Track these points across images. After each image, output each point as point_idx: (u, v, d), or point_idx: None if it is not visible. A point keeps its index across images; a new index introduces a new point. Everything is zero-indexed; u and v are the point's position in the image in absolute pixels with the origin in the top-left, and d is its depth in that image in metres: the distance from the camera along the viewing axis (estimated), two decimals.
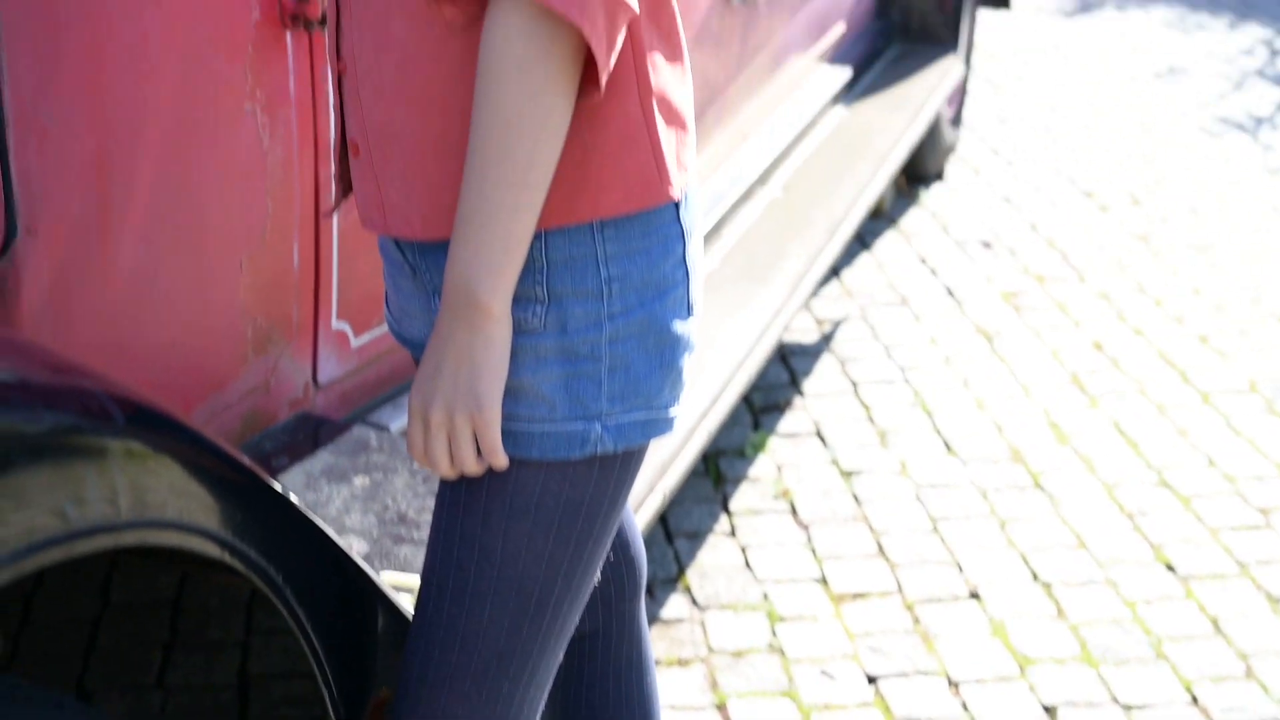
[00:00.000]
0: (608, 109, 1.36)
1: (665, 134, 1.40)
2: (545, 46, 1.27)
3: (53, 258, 1.69)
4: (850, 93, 4.10)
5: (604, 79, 1.30)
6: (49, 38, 1.64)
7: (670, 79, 1.42)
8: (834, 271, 4.29)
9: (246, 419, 2.08)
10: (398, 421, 2.26)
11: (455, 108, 1.36)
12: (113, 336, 1.82)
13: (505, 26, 1.27)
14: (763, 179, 3.41)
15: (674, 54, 1.43)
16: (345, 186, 1.56)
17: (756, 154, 3.39)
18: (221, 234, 1.95)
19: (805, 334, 3.97)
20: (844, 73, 4.01)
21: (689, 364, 1.49)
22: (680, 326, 1.45)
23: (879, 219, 4.66)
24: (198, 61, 1.84)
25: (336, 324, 2.19)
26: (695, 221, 1.47)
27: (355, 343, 2.23)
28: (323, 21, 1.96)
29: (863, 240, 4.53)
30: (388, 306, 1.64)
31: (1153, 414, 3.63)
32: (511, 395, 1.40)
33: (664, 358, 1.44)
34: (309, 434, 2.15)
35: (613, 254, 1.39)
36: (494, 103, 1.28)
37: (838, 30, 4.02)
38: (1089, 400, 3.68)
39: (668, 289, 1.43)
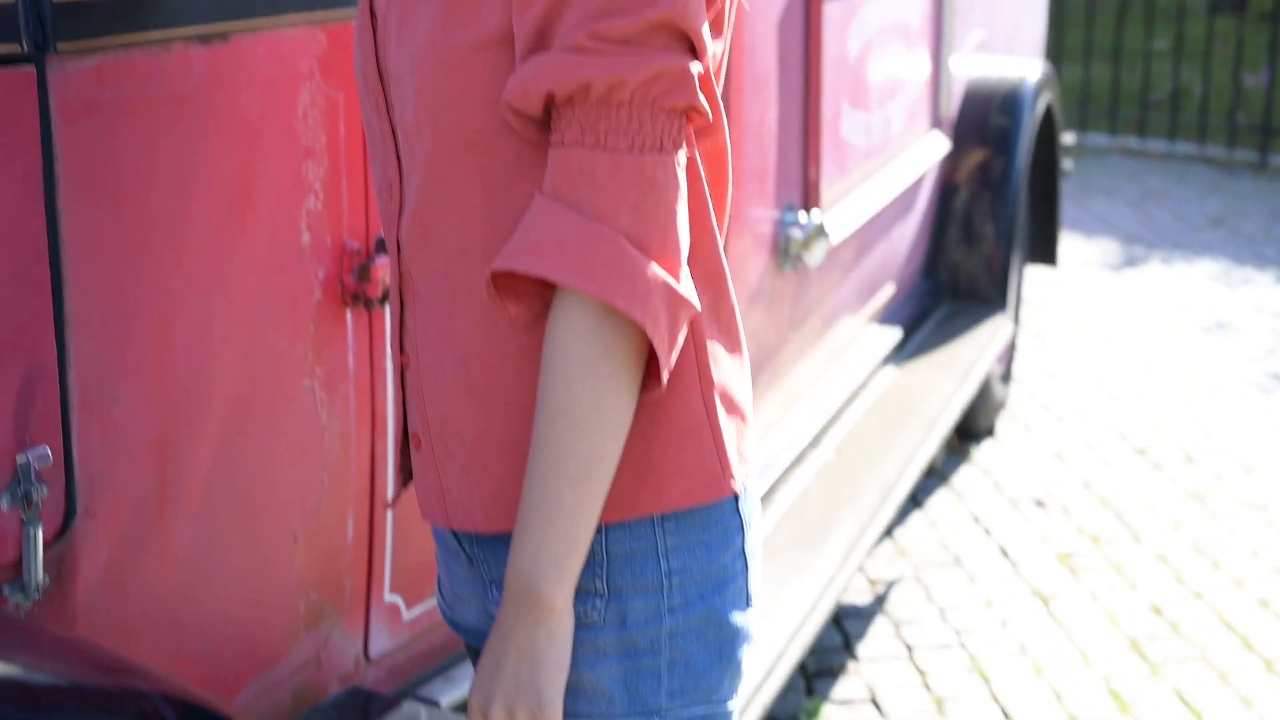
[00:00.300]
0: (670, 403, 1.36)
1: (726, 426, 1.40)
2: (609, 344, 1.28)
3: (110, 538, 1.69)
4: (901, 353, 4.12)
5: (666, 375, 1.31)
6: (116, 320, 1.67)
7: (731, 371, 1.42)
8: (886, 530, 4.25)
9: (297, 693, 2.05)
10: (448, 695, 2.23)
11: (518, 403, 1.36)
12: (167, 612, 1.81)
13: (570, 324, 1.28)
14: (815, 441, 3.41)
15: (734, 345, 1.44)
16: (405, 477, 1.56)
17: (808, 416, 3.39)
18: (277, 509, 1.95)
19: (858, 594, 3.92)
20: (894, 333, 4.03)
21: (748, 654, 1.47)
22: (739, 618, 1.44)
23: (931, 476, 4.64)
24: (260, 340, 1.87)
25: (389, 597, 2.17)
26: (754, 512, 1.46)
27: (407, 616, 2.21)
28: (383, 300, 1.99)
29: (915, 498, 4.50)
30: (440, 590, 1.62)
31: (1215, 682, 3.54)
32: (570, 690, 1.38)
33: (723, 650, 1.42)
34: (359, 709, 2.12)
35: (673, 547, 1.38)
36: (558, 399, 1.29)
37: (887, 291, 4.06)
38: (1150, 667, 3.60)
39: (727, 581, 1.42)
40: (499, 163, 1.34)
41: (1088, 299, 6.57)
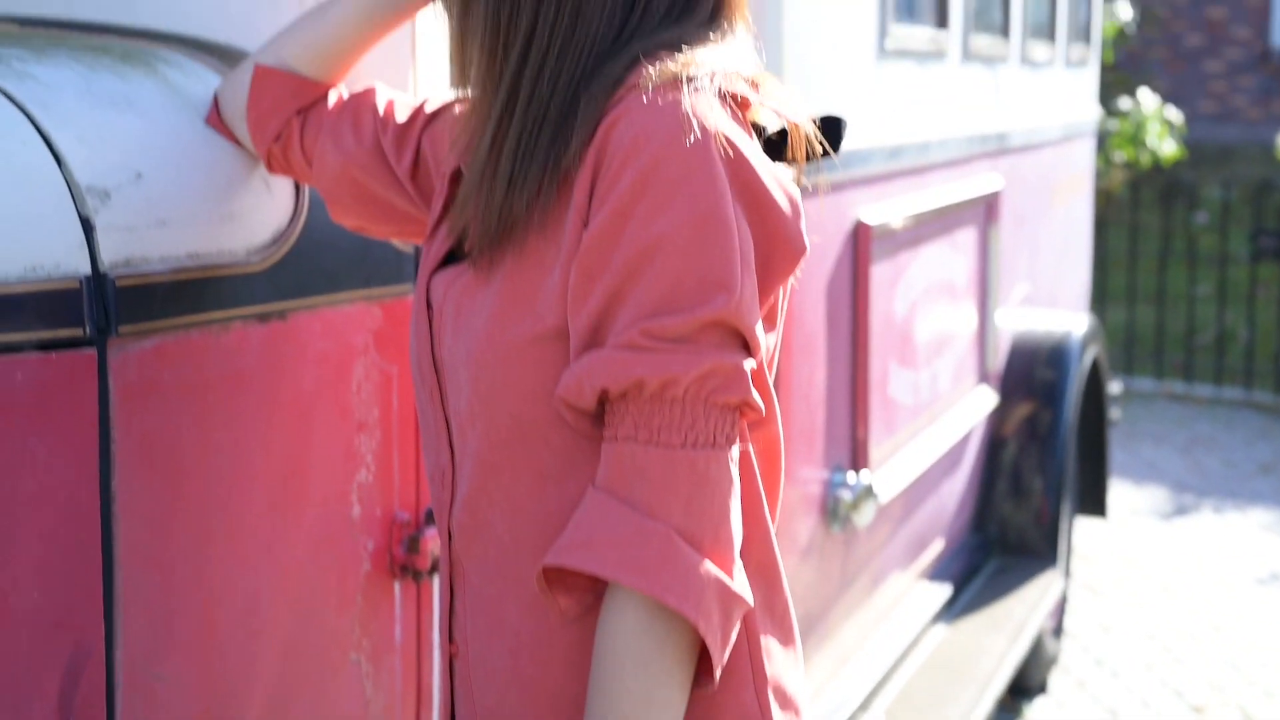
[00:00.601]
0: (722, 699, 1.34)
1: None
2: (661, 640, 1.27)
3: None
4: (951, 610, 4.07)
5: (718, 672, 1.29)
6: (165, 596, 1.66)
7: (784, 664, 1.40)
8: None
9: None
10: None
11: (567, 695, 1.34)
12: None
13: (621, 619, 1.27)
14: (865, 705, 3.34)
15: (787, 638, 1.42)
16: None
17: (858, 678, 3.33)
18: None
19: None
20: (944, 590, 3.98)
21: None
22: None
23: None
24: (307, 613, 1.86)
25: None
26: None
27: None
28: (431, 571, 1.98)
29: None
30: None
31: None
32: None
33: None
34: None
35: None
36: (609, 694, 1.27)
37: (936, 547, 4.03)
38: None
39: None
40: (552, 455, 1.35)
41: (1139, 549, 6.50)
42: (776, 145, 1.39)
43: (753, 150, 1.33)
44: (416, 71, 1.95)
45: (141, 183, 1.64)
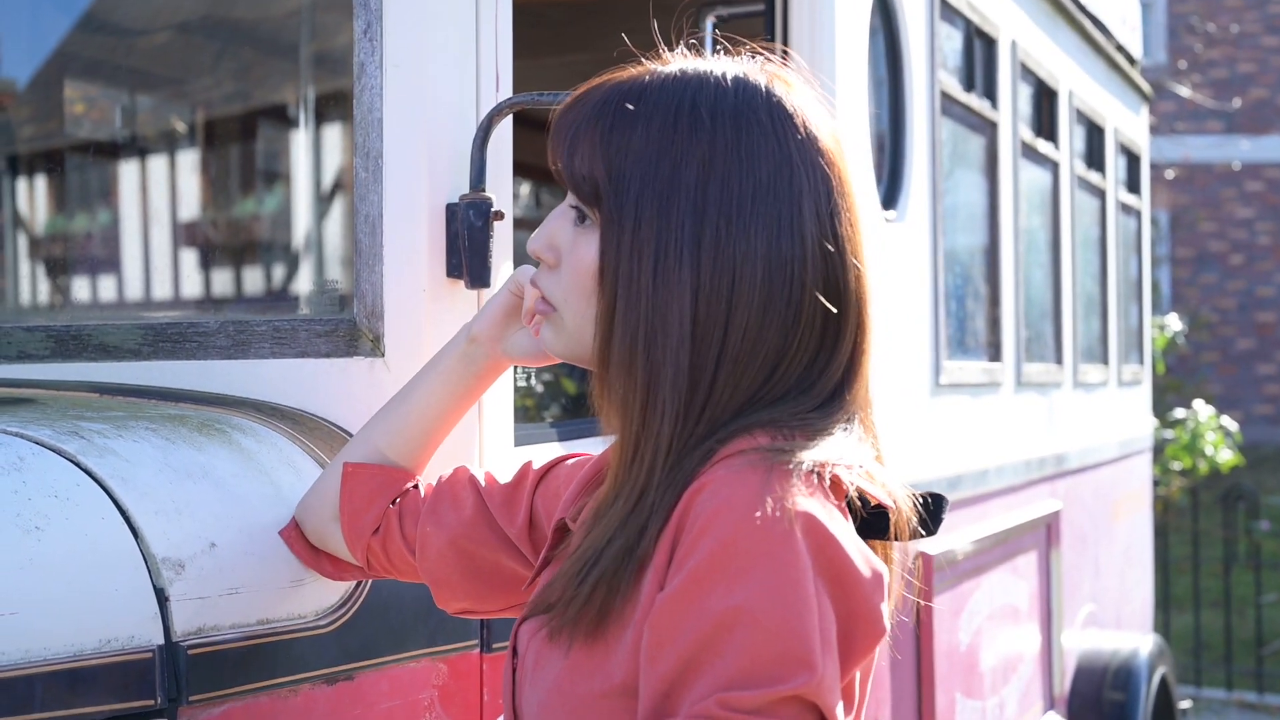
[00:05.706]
0: None
1: None
2: None
3: None
4: None
5: None
6: None
7: None
8: None
9: None
10: None
11: None
12: None
13: None
14: None
15: None
16: None
17: None
18: None
19: None
20: None
21: None
22: None
23: None
24: None
25: None
26: None
27: None
28: None
29: None
30: None
31: None
32: None
33: None
34: None
35: None
36: None
37: None
38: None
39: None
40: None
41: None
42: (871, 523, 1.40)
43: (840, 527, 1.33)
44: (482, 438, 1.99)
45: (215, 552, 1.67)
